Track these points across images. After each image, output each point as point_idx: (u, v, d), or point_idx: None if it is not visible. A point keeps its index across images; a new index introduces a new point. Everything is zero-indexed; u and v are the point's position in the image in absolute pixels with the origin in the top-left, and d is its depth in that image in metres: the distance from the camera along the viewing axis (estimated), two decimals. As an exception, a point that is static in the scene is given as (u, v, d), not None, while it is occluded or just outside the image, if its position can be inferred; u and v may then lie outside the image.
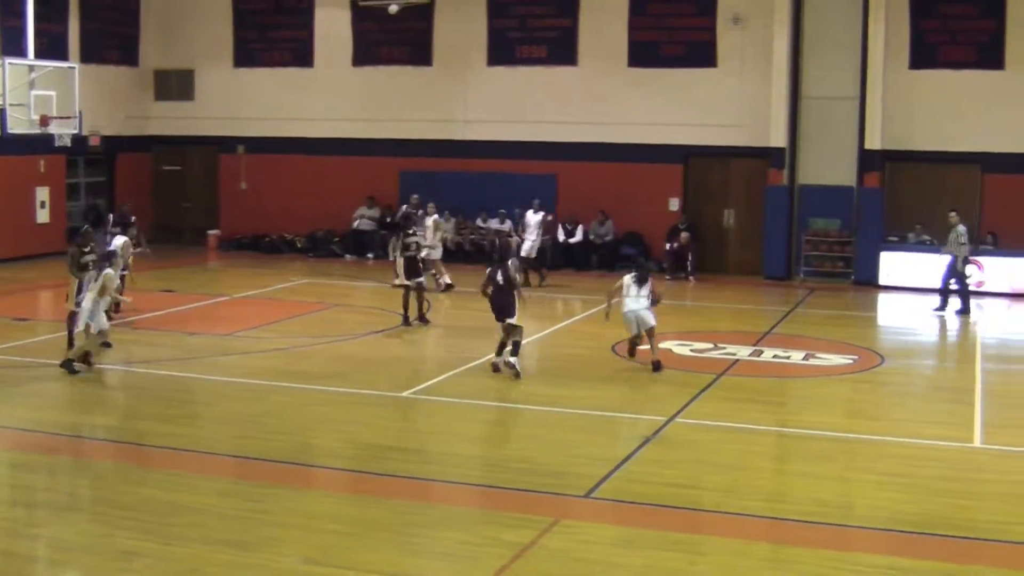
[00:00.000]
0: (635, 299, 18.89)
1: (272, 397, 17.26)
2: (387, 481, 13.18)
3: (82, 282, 18.58)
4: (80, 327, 18.34)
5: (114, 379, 18.07)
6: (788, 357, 20.11)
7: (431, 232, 25.91)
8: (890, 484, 13.19)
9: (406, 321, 22.28)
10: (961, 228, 24.64)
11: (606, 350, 20.45)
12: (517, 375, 17.99)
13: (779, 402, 17.67)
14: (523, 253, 27.23)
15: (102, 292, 18.20)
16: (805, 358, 20.02)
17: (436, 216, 26.92)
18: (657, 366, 18.61)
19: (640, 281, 18.95)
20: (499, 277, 18.66)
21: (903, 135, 28.34)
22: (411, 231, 22.74)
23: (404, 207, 28.01)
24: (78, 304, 18.33)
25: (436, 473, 13.57)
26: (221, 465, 13.83)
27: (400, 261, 22.34)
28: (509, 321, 18.41)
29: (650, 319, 18.89)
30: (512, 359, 18.15)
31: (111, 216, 25.01)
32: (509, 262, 19.29)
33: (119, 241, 22.32)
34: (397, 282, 22.90)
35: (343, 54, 33.54)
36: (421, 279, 22.68)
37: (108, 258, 18.93)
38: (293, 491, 12.86)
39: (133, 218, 25.11)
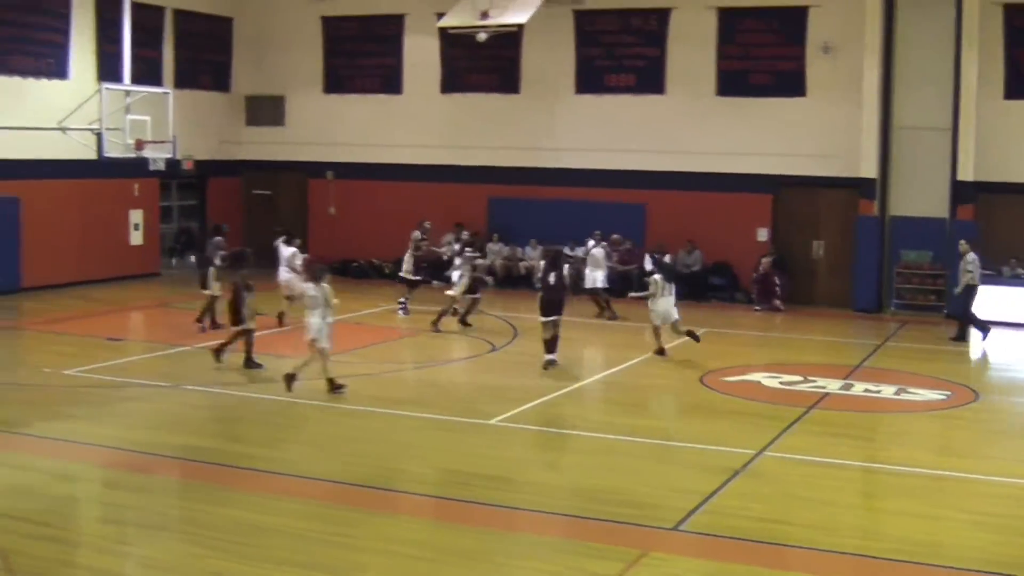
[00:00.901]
0: (667, 298, 22.21)
1: (359, 422, 17.32)
2: (472, 508, 13.16)
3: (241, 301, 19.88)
4: (322, 343, 18.55)
5: (203, 400, 18.20)
6: (879, 391, 19.83)
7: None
8: (983, 524, 12.94)
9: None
10: (971, 256, 24.77)
11: (694, 381, 20.33)
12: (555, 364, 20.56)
13: (869, 437, 17.45)
14: (593, 285, 27.31)
15: (327, 307, 18.55)
16: (897, 393, 19.74)
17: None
18: (662, 352, 22.13)
19: (669, 279, 22.31)
20: (551, 278, 20.80)
21: (997, 166, 27.89)
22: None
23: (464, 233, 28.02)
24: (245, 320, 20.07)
25: (522, 502, 13.51)
26: (307, 488, 13.86)
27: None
28: (555, 318, 20.74)
29: (675, 313, 22.29)
30: (552, 356, 20.67)
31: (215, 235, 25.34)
32: (563, 267, 21.46)
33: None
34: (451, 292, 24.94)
35: (432, 81, 33.72)
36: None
37: (319, 274, 19.09)
38: (378, 516, 12.87)
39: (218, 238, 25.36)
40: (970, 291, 24.95)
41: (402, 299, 26.69)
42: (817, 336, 25.73)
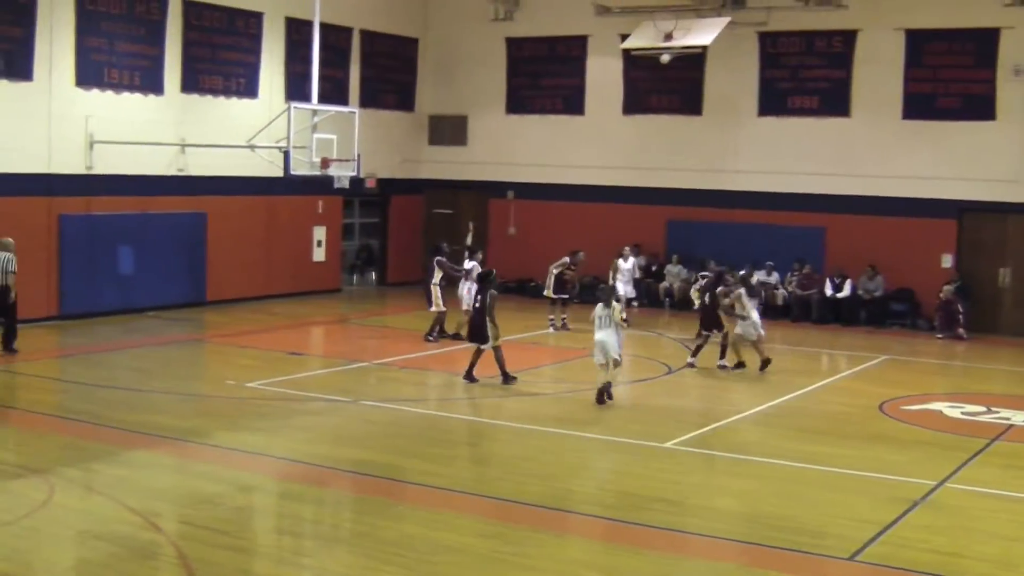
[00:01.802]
0: (754, 311, 23.01)
1: (533, 441, 17.37)
2: (645, 531, 13.09)
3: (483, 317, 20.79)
4: (602, 360, 19.43)
5: (380, 416, 18.45)
6: (1067, 424, 19.26)
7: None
8: None
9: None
10: None
11: (873, 408, 19.97)
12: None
13: (1056, 471, 16.96)
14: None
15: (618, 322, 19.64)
16: (1085, 426, 19.14)
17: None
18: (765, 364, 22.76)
19: (752, 296, 23.22)
20: (706, 299, 23.22)
21: None
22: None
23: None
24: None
25: (695, 526, 13.42)
26: (481, 506, 13.96)
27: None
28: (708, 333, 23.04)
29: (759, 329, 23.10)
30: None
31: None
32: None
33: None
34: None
35: (614, 102, 33.75)
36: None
37: (613, 294, 20.51)
38: (551, 536, 12.89)
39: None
40: None
41: (551, 317, 27.11)
42: (1001, 365, 25.08)
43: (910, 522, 13.58)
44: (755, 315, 22.87)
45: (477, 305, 21.17)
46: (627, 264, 29.86)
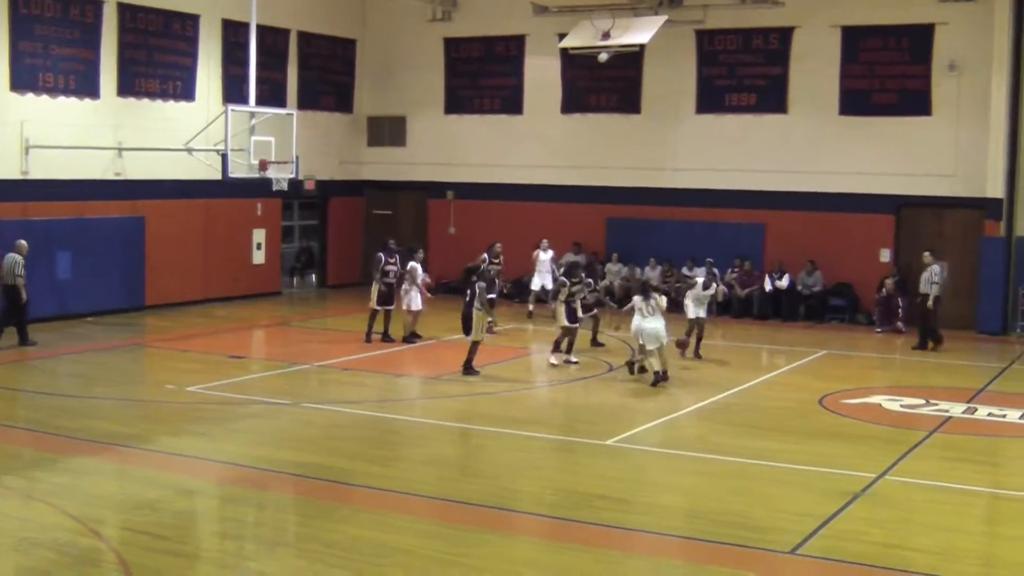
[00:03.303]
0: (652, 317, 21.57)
1: (476, 441, 17.42)
2: (590, 529, 13.12)
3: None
4: (656, 346, 20.86)
5: (322, 418, 18.39)
6: (1004, 416, 19.42)
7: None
8: (1114, 552, 12.64)
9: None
10: (936, 268, 25.62)
11: (813, 402, 20.12)
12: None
13: (994, 462, 17.15)
14: (535, 288, 29.32)
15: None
16: (1022, 417, 19.32)
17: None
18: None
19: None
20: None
21: None
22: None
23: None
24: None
25: (640, 523, 13.46)
26: (425, 507, 13.94)
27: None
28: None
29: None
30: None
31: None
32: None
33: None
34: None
35: (552, 101, 33.80)
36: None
37: (645, 290, 21.62)
38: (496, 536, 12.89)
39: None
40: (937, 303, 25.74)
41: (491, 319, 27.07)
42: (940, 359, 25.31)
43: (851, 515, 13.68)
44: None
45: (467, 299, 21.29)
46: (546, 256, 29.83)
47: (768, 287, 30.29)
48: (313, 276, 36.36)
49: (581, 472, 15.79)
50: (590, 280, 23.79)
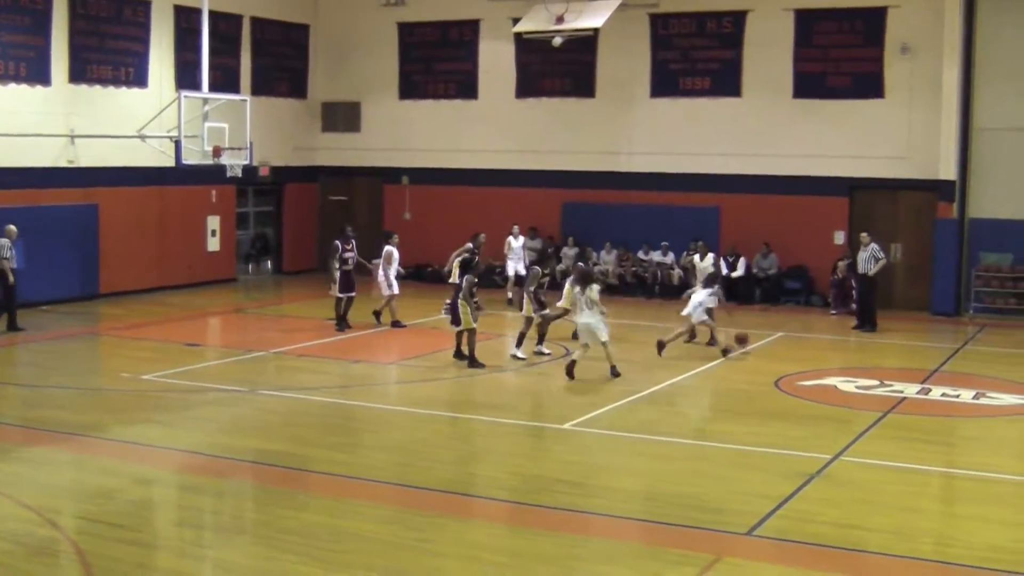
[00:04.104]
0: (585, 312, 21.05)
1: (435, 426, 17.41)
2: (549, 513, 13.16)
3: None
4: (589, 342, 20.17)
5: (280, 405, 18.34)
6: (957, 396, 19.61)
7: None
8: (1066, 530, 12.78)
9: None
10: (875, 246, 26.03)
11: (769, 384, 20.22)
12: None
13: (948, 442, 17.28)
14: (511, 274, 29.53)
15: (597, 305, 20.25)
16: (975, 397, 19.50)
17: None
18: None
19: (583, 284, 20.56)
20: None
21: (1080, 167, 27.57)
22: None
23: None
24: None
25: (598, 506, 13.50)
26: (384, 493, 13.94)
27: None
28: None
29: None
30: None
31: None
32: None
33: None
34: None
35: (507, 86, 33.78)
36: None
37: (585, 281, 20.59)
38: (455, 521, 12.90)
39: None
40: (871, 279, 26.22)
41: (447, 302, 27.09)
42: (894, 340, 25.49)
43: (807, 496, 13.78)
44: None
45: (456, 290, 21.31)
46: (517, 242, 29.90)
47: (723, 271, 30.35)
48: (268, 263, 36.22)
49: (539, 456, 15.84)
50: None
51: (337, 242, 25.36)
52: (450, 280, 27.14)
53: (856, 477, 14.75)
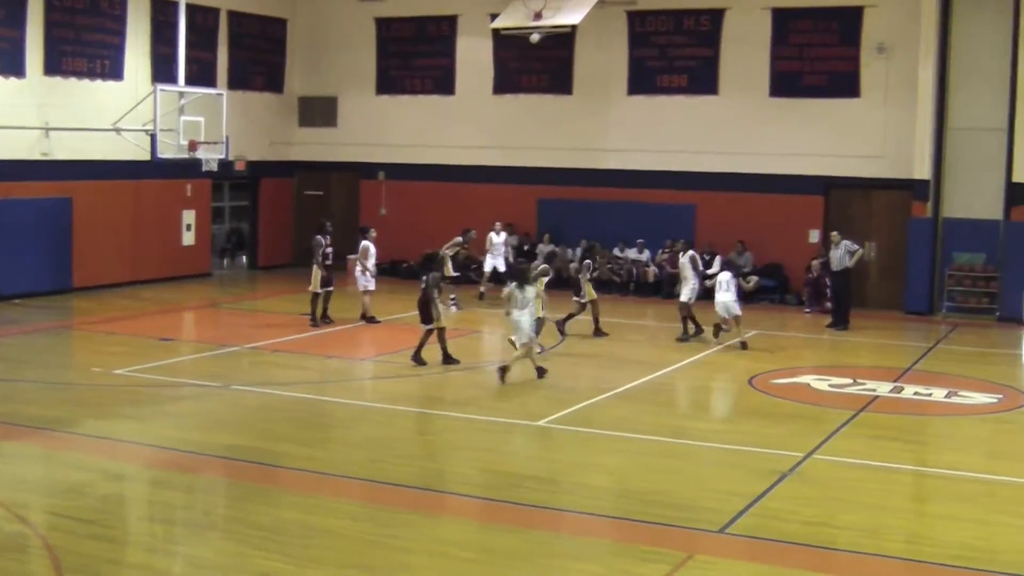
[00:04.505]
0: (725, 292, 23.25)
1: (407, 423, 17.41)
2: (520, 510, 13.15)
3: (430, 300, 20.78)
4: (525, 340, 19.84)
5: (253, 400, 18.29)
6: (930, 394, 19.68)
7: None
8: (1036, 529, 12.83)
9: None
10: (846, 243, 26.25)
11: (742, 382, 20.26)
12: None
13: (920, 440, 17.34)
14: (487, 270, 29.35)
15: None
16: (947, 396, 19.58)
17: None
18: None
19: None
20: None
21: (1052, 168, 27.64)
22: None
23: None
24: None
25: (570, 503, 13.50)
26: (355, 489, 13.92)
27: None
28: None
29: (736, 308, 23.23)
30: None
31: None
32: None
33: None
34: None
35: (484, 82, 33.76)
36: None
37: (521, 277, 20.20)
38: (426, 517, 12.89)
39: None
40: (845, 277, 26.41)
41: (452, 296, 27.03)
42: (867, 338, 25.55)
43: (779, 494, 13.80)
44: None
45: (423, 286, 21.06)
46: (499, 238, 29.83)
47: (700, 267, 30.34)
48: (244, 257, 36.16)
49: (510, 453, 15.84)
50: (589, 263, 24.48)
51: (319, 238, 25.27)
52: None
53: (828, 475, 14.80)
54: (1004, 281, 27.96)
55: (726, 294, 23.42)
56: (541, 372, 19.96)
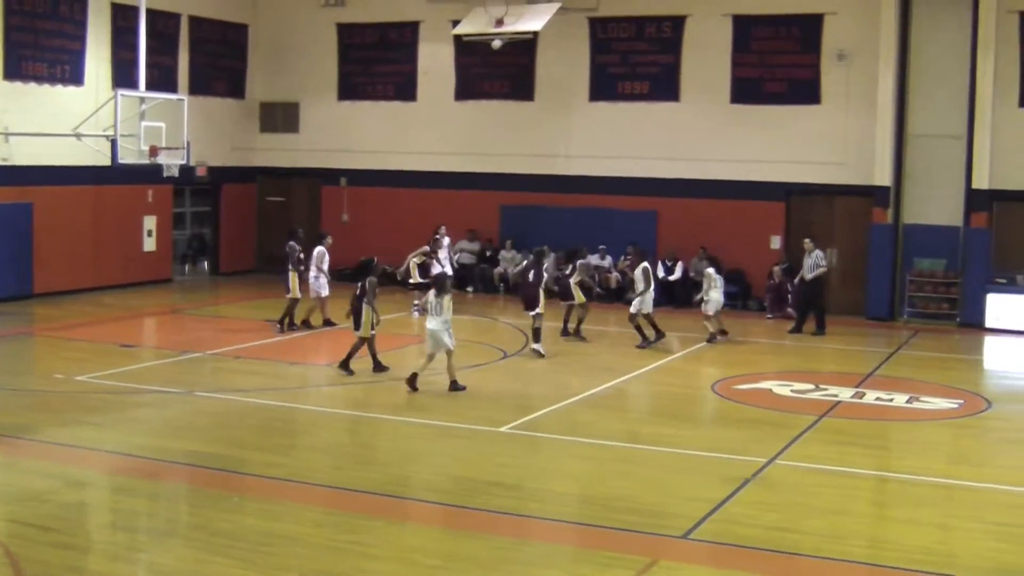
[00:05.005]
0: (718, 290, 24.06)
1: (370, 429, 17.38)
2: (484, 516, 13.15)
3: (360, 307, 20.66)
4: (433, 350, 19.40)
5: (214, 407, 18.23)
6: (891, 400, 19.79)
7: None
8: (995, 533, 12.89)
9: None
10: (819, 252, 26.60)
11: (705, 388, 20.34)
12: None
13: (881, 446, 17.43)
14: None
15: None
16: (909, 401, 19.69)
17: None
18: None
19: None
20: (530, 276, 23.16)
21: (1011, 174, 27.76)
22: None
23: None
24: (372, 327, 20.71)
25: (533, 510, 13.51)
26: (318, 495, 13.88)
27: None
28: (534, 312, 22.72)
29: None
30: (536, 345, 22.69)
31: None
32: (544, 263, 23.40)
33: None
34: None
35: (446, 88, 33.74)
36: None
37: (440, 285, 19.80)
38: (389, 523, 12.88)
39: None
40: (818, 284, 26.73)
41: (416, 303, 26.99)
42: (829, 344, 25.68)
43: (741, 499, 13.85)
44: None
45: (357, 292, 20.98)
46: (444, 242, 29.52)
47: (661, 274, 30.44)
48: (205, 263, 35.99)
49: (475, 459, 15.81)
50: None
51: (292, 243, 25.27)
52: (410, 281, 27.15)
53: (791, 480, 14.85)
54: (964, 286, 28.16)
55: (719, 292, 24.62)
56: (455, 385, 19.54)
